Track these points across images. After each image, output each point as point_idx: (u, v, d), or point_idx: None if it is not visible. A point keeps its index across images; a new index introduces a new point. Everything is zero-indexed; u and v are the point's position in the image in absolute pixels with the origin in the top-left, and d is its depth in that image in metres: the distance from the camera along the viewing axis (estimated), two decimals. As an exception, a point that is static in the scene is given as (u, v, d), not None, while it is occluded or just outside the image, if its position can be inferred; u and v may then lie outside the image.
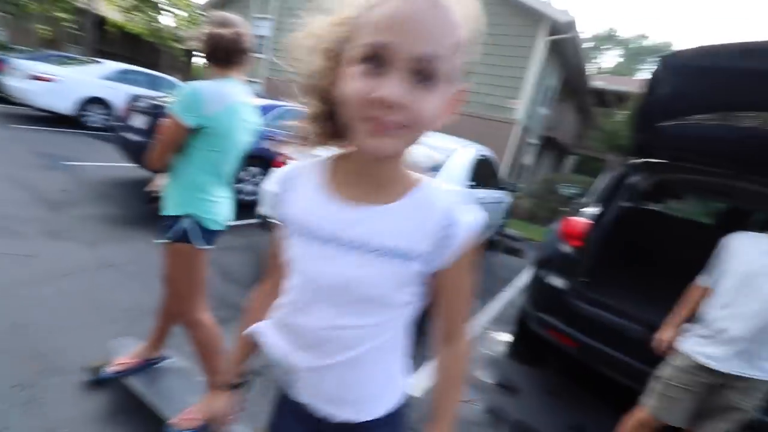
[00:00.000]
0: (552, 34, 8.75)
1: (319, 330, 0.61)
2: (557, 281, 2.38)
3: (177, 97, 1.35)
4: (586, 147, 15.05)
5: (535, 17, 8.67)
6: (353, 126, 0.50)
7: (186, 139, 1.39)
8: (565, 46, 9.69)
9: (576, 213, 2.51)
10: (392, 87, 0.45)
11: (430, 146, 3.49)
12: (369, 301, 0.59)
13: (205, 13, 16.43)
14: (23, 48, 11.17)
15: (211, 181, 1.45)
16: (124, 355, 1.77)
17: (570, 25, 8.39)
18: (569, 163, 19.12)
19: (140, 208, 4.06)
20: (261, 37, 13.43)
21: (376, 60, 0.46)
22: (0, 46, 13.56)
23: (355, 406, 0.65)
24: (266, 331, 0.69)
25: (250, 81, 13.69)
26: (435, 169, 3.14)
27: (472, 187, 3.52)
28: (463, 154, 3.50)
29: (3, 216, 3.17)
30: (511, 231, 6.91)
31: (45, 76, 7.01)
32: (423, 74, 0.46)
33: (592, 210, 2.42)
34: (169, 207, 1.45)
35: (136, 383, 1.69)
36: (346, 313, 0.59)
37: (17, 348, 1.84)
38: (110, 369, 1.70)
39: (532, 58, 8.79)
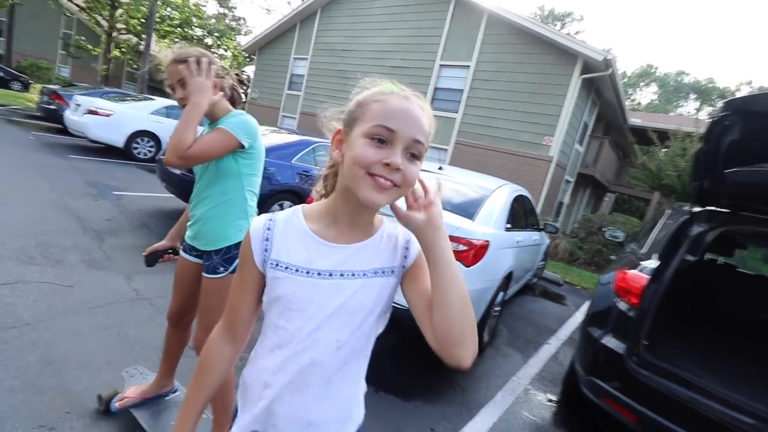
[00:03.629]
0: (586, 72, 8.66)
1: (326, 351, 0.72)
2: (613, 343, 2.14)
3: (233, 120, 1.41)
4: (626, 185, 14.49)
5: (569, 56, 8.63)
6: (356, 179, 0.66)
7: (227, 157, 1.43)
8: (601, 83, 9.56)
9: (633, 265, 2.30)
10: (397, 157, 0.64)
11: (466, 185, 3.39)
12: (366, 312, 0.74)
13: (246, 54, 17.56)
14: (84, 84, 12.19)
15: (255, 203, 1.56)
16: (135, 386, 1.81)
17: (606, 63, 8.27)
18: (608, 202, 18.43)
19: (176, 240, 4.12)
20: (298, 75, 14.09)
21: (383, 137, 0.65)
22: (63, 83, 14.91)
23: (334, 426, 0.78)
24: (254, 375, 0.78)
25: (287, 116, 14.27)
26: (471, 209, 3.02)
27: (509, 229, 3.35)
28: (500, 194, 3.36)
29: (49, 244, 3.29)
30: (550, 274, 6.55)
31: (100, 110, 7.54)
32: (412, 152, 0.67)
33: (652, 263, 2.20)
34: (227, 238, 1.47)
35: (142, 416, 1.70)
36: (348, 329, 0.73)
37: (46, 384, 1.81)
38: (119, 403, 1.72)
39: (567, 95, 8.68)
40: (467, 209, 2.98)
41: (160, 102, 8.51)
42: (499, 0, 9.44)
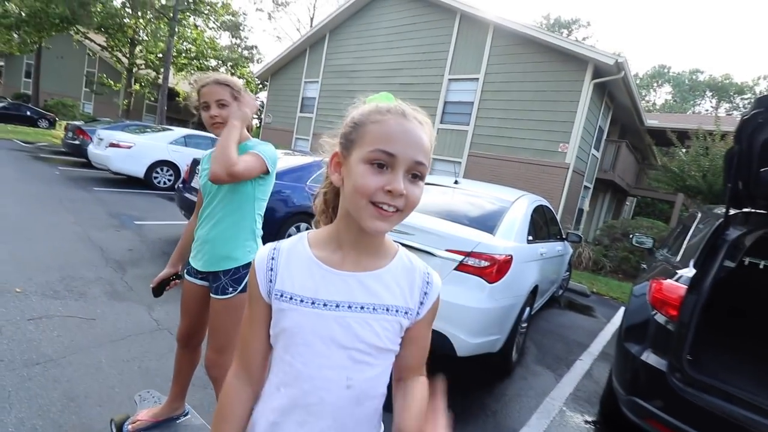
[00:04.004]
0: (597, 76, 8.56)
1: (335, 390, 0.67)
2: (653, 359, 2.00)
3: (263, 147, 1.51)
4: (647, 188, 14.08)
5: (579, 61, 8.56)
6: (359, 209, 0.62)
7: (251, 184, 1.52)
8: (613, 86, 9.41)
9: (668, 274, 2.17)
10: (399, 182, 0.61)
11: (484, 198, 3.32)
12: (376, 350, 0.68)
13: (259, 80, 18.07)
14: (106, 119, 12.69)
15: (261, 225, 1.61)
16: (147, 409, 1.81)
17: (617, 66, 8.16)
18: (629, 206, 17.96)
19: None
20: (310, 98, 14.37)
21: (383, 161, 0.61)
22: (87, 118, 15.57)
23: None
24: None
25: (300, 139, 14.50)
26: (491, 223, 2.93)
27: (532, 241, 3.25)
28: (520, 206, 3.26)
29: (73, 277, 3.34)
30: (576, 285, 6.32)
31: (122, 143, 7.80)
32: (414, 173, 0.63)
33: (689, 272, 2.07)
34: (235, 259, 1.52)
35: None
36: (358, 366, 0.68)
37: (68, 423, 1.79)
38: (131, 426, 1.72)
39: (580, 101, 8.57)
40: (487, 223, 2.90)
41: (178, 132, 8.76)
42: (504, 11, 9.51)
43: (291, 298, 0.68)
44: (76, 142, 9.51)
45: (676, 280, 2.07)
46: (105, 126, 9.64)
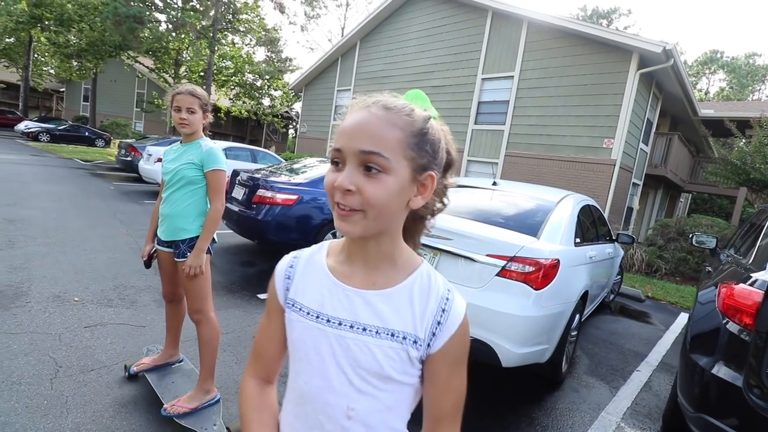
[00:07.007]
0: (643, 66, 8.05)
1: (335, 419, 0.62)
2: (725, 372, 1.80)
3: (216, 157, 1.92)
4: (703, 183, 13.06)
5: (622, 51, 8.10)
6: (332, 211, 0.59)
7: (198, 171, 1.94)
8: (662, 76, 8.82)
9: (739, 278, 1.95)
10: (343, 177, 0.55)
11: (526, 199, 3.17)
12: (379, 378, 0.61)
13: (294, 92, 18.57)
14: (155, 136, 13.48)
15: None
16: (149, 356, 2.33)
17: (666, 54, 7.63)
18: (684, 203, 16.76)
19: (237, 275, 4.27)
20: (343, 106, 14.55)
21: (336, 159, 0.58)
22: (138, 136, 16.63)
23: None
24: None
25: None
26: (535, 225, 2.78)
27: (579, 243, 3.05)
28: (565, 206, 3.08)
29: (125, 285, 3.52)
30: (629, 289, 5.92)
31: (169, 158, 8.22)
32: (368, 165, 0.55)
33: (765, 275, 1.85)
34: (189, 230, 1.96)
35: (151, 377, 2.21)
36: (361, 396, 0.61)
37: (120, 429, 1.85)
38: (136, 367, 2.23)
39: (625, 93, 8.09)
40: (530, 226, 2.76)
41: (219, 145, 9.13)
42: (537, 5, 9.19)
43: (300, 309, 0.66)
44: (128, 158, 10.14)
45: (751, 285, 1.85)
46: (154, 142, 10.21)
